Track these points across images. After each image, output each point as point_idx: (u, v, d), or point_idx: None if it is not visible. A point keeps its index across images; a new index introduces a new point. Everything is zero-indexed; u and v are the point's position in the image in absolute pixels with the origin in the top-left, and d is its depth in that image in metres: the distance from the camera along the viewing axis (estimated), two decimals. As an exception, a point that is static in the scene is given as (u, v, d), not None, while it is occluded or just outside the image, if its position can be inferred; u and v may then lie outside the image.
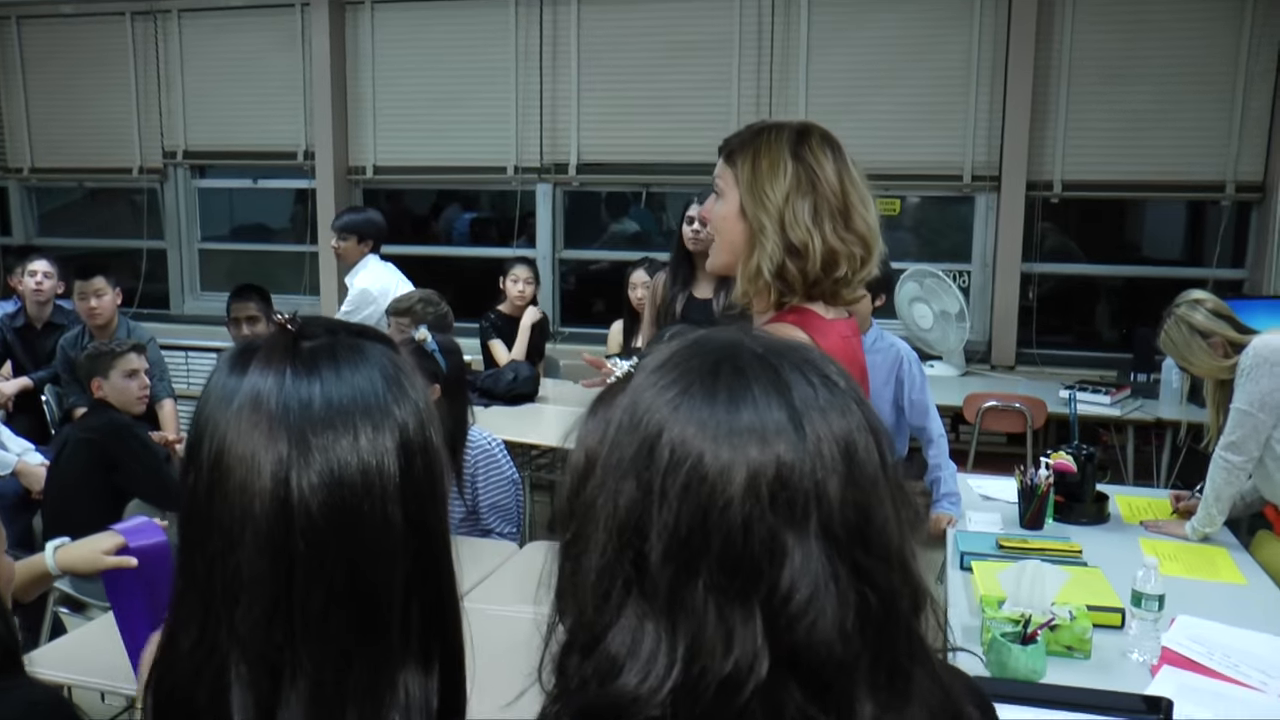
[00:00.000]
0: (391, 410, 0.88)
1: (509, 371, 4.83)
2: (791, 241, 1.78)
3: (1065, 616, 2.27)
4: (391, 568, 0.86)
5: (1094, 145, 5.44)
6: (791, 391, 0.75)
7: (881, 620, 0.73)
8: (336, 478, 0.84)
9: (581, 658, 0.75)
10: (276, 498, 0.83)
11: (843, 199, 1.80)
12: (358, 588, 0.85)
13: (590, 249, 6.49)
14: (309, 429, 0.84)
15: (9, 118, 7.20)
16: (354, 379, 0.88)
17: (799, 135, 1.84)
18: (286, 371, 0.86)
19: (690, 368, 0.77)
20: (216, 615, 0.84)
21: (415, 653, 0.88)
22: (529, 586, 2.64)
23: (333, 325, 0.94)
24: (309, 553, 0.83)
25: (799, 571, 0.70)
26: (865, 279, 1.87)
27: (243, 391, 0.86)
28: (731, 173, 1.86)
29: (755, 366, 0.76)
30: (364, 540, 0.85)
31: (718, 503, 0.71)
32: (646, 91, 5.96)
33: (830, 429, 0.74)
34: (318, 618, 0.83)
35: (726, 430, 0.72)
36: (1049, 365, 5.55)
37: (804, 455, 0.72)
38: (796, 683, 0.71)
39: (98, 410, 3.74)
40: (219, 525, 0.84)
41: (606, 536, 0.74)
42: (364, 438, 0.86)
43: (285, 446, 0.84)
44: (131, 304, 6.51)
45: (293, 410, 0.85)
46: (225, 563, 0.84)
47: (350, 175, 6.57)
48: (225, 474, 0.84)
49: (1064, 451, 3.24)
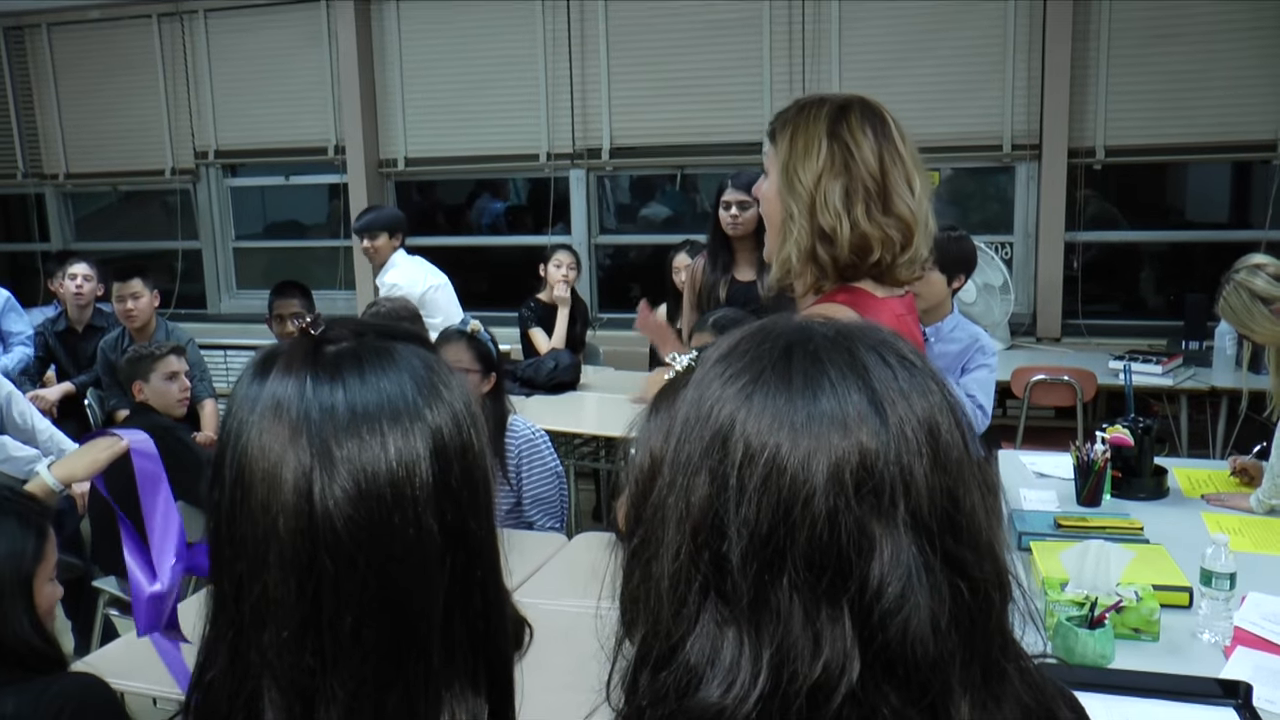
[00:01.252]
0: (423, 414, 0.82)
1: (549, 360, 4.79)
2: (821, 226, 1.71)
3: (1132, 597, 2.20)
4: (429, 583, 0.80)
5: (1136, 109, 5.31)
6: (870, 374, 0.70)
7: (975, 613, 0.68)
8: (364, 489, 0.78)
9: (655, 672, 0.70)
10: (300, 513, 0.78)
11: (881, 180, 1.72)
12: (392, 605, 0.79)
13: (626, 234, 6.45)
14: (332, 438, 0.79)
15: (43, 125, 7.25)
16: (380, 383, 0.82)
17: (839, 111, 1.75)
18: (307, 378, 0.81)
19: (760, 355, 0.72)
20: (247, 639, 0.80)
21: (461, 671, 0.83)
22: (579, 579, 2.61)
23: (360, 327, 0.88)
24: (337, 571, 0.78)
25: (889, 564, 0.66)
26: (912, 261, 1.79)
27: (262, 400, 0.81)
28: (773, 151, 1.81)
29: (829, 350, 0.71)
30: (397, 555, 0.79)
31: (800, 495, 0.66)
32: (677, 72, 5.89)
33: (913, 411, 0.69)
34: (349, 639, 0.78)
35: (805, 418, 0.68)
36: (1095, 336, 5.44)
37: (887, 441, 0.67)
38: (890, 685, 0.66)
39: (139, 413, 3.75)
40: (244, 544, 0.80)
41: (680, 538, 0.69)
42: (392, 445, 0.80)
43: (307, 458, 0.78)
44: (169, 305, 6.54)
45: (314, 419, 0.79)
46: (252, 584, 0.79)
47: (382, 168, 6.55)
48: (248, 490, 0.79)
49: (1120, 425, 3.16)
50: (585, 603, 2.42)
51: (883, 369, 0.71)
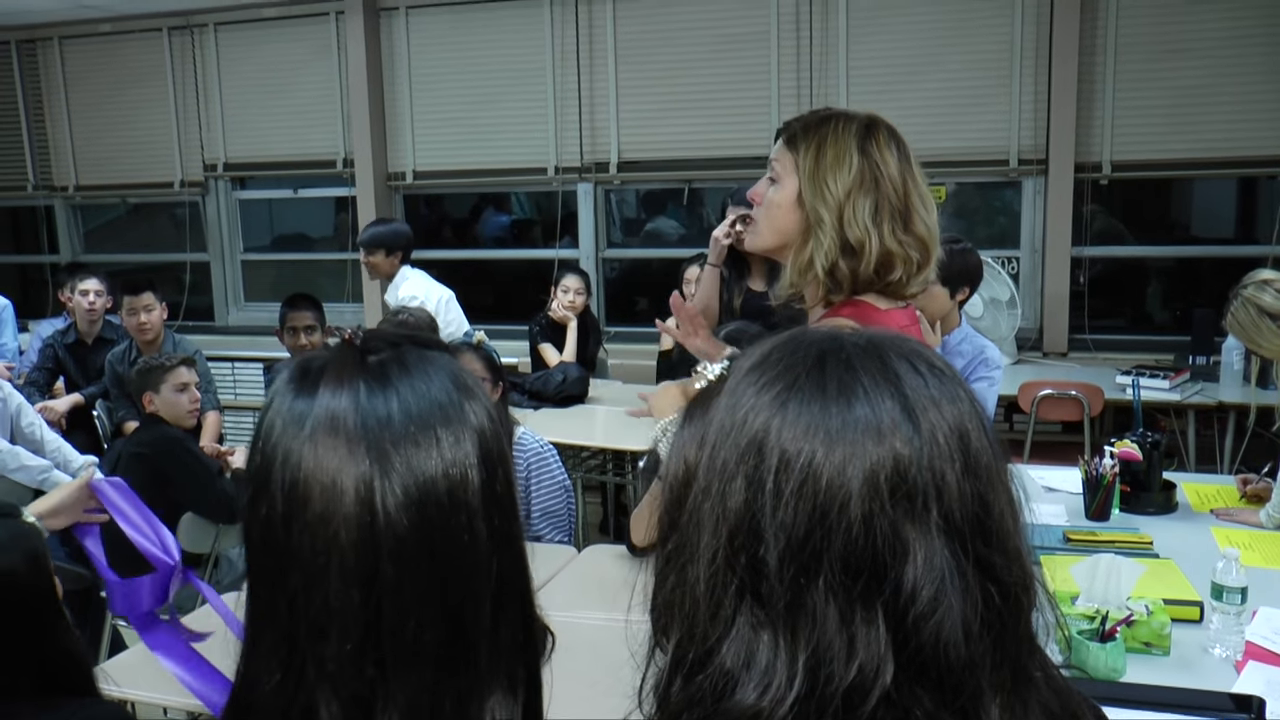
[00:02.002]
0: (469, 419, 0.84)
1: (558, 373, 4.80)
2: (848, 239, 1.72)
3: (1142, 612, 2.20)
4: (481, 586, 0.82)
5: (1143, 124, 5.32)
6: (902, 382, 0.72)
7: (1005, 617, 0.69)
8: (423, 494, 0.80)
9: (690, 677, 0.71)
10: (363, 523, 0.78)
11: (904, 199, 1.74)
12: (449, 610, 0.80)
13: (634, 249, 6.47)
14: (390, 446, 0.80)
15: (53, 137, 7.29)
16: (429, 390, 0.83)
17: (867, 129, 1.77)
18: (360, 388, 0.82)
19: (794, 363, 0.73)
20: (302, 653, 0.80)
21: (501, 677, 0.84)
22: (590, 592, 2.61)
23: (395, 337, 0.89)
24: (399, 578, 0.79)
25: (923, 568, 0.67)
26: (923, 281, 1.80)
27: (315, 414, 0.81)
28: (792, 158, 1.80)
29: (861, 358, 0.73)
30: (453, 558, 0.81)
31: (836, 500, 0.67)
32: (685, 87, 5.92)
33: (944, 418, 0.71)
34: (410, 646, 0.79)
35: (840, 425, 0.69)
36: (1102, 351, 5.44)
37: (920, 447, 0.69)
38: (923, 687, 0.67)
39: (149, 425, 3.76)
40: (299, 558, 0.80)
41: (715, 542, 0.70)
42: (446, 450, 0.81)
43: (367, 467, 0.79)
44: (176, 317, 6.56)
45: (372, 428, 0.80)
46: (309, 597, 0.79)
47: (390, 181, 6.58)
48: (304, 503, 0.80)
49: (1128, 439, 3.16)
50: (597, 614, 2.43)
51: (914, 377, 0.72)
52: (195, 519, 3.52)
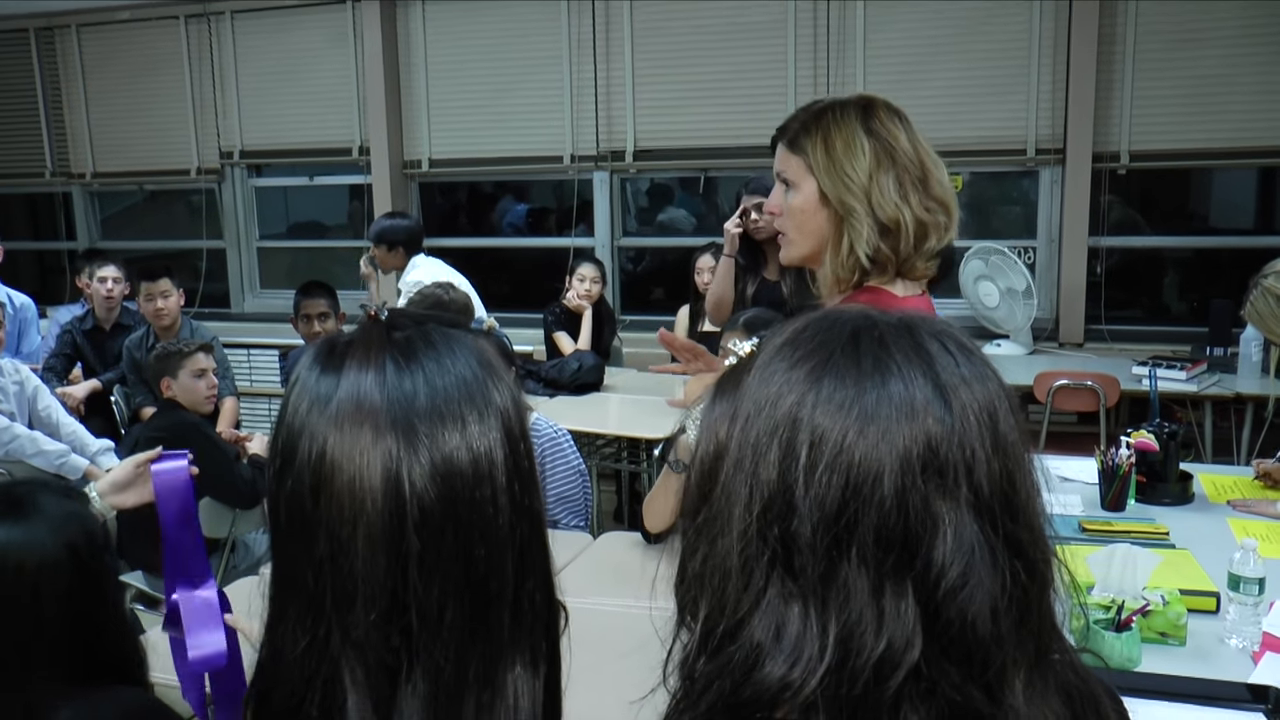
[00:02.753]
0: (492, 396, 0.86)
1: (573, 361, 4.81)
2: (882, 220, 1.71)
3: (1158, 602, 2.20)
4: (504, 557, 0.84)
5: (1162, 113, 5.29)
6: (934, 361, 0.72)
7: (1029, 593, 0.70)
8: (449, 469, 0.82)
9: (718, 650, 0.71)
10: (388, 495, 0.80)
11: (920, 166, 1.74)
12: (473, 581, 0.82)
13: (649, 237, 6.46)
14: (417, 421, 0.82)
15: (71, 124, 7.32)
16: (454, 366, 0.85)
17: (865, 109, 1.77)
18: (387, 365, 0.84)
19: (828, 339, 0.74)
20: (328, 621, 0.81)
21: (523, 650, 0.86)
22: (606, 578, 2.61)
23: (419, 316, 0.91)
24: (425, 547, 0.80)
25: (952, 544, 0.68)
26: (944, 244, 1.80)
27: (342, 390, 0.83)
28: (800, 160, 1.78)
29: (894, 336, 0.73)
30: (478, 530, 0.82)
31: (869, 475, 0.68)
32: (702, 75, 5.90)
33: (974, 397, 0.71)
34: (435, 615, 0.81)
35: (874, 401, 0.70)
36: (1118, 341, 5.42)
37: (952, 426, 0.70)
38: (950, 661, 0.68)
39: (166, 410, 3.78)
40: (326, 529, 0.81)
41: (748, 515, 0.71)
42: (471, 425, 0.83)
43: (394, 442, 0.81)
44: (192, 304, 6.58)
45: (398, 404, 0.82)
46: (336, 565, 0.81)
47: (406, 169, 6.59)
48: (329, 477, 0.81)
49: (1145, 429, 3.15)
50: (613, 601, 2.44)
51: (945, 356, 0.73)
52: (212, 504, 3.54)
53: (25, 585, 1.51)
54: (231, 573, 3.59)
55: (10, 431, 3.96)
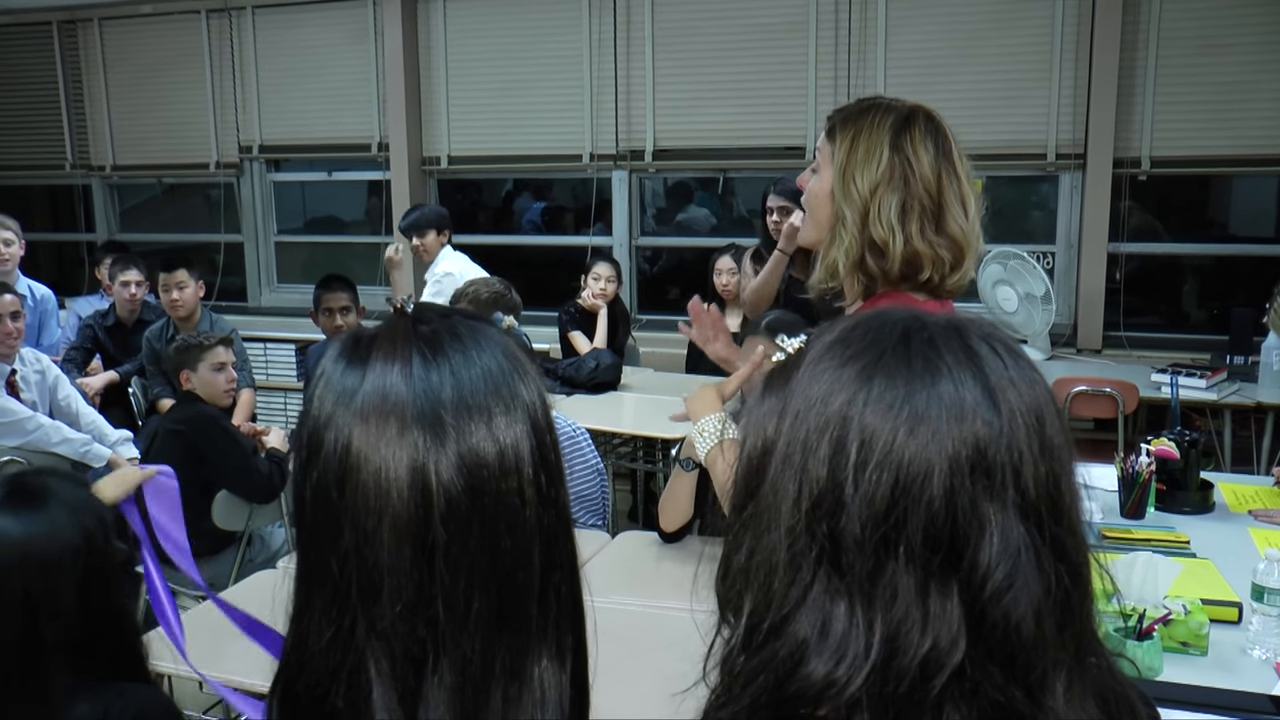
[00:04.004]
0: (518, 390, 0.86)
1: (590, 359, 4.80)
2: (872, 238, 1.70)
3: (1180, 611, 2.18)
4: (530, 549, 0.84)
5: (1184, 119, 5.26)
6: (982, 363, 0.72)
7: (1071, 597, 0.70)
8: (475, 460, 0.81)
9: (761, 646, 0.71)
10: (414, 487, 0.80)
11: (937, 199, 1.71)
12: (499, 573, 0.82)
13: (667, 237, 6.46)
14: (443, 413, 0.82)
15: (92, 117, 7.36)
16: (481, 359, 0.85)
17: (904, 122, 1.74)
18: (414, 357, 0.84)
19: (879, 339, 0.74)
20: (353, 612, 0.81)
21: (550, 643, 0.86)
22: (624, 577, 2.61)
23: (445, 310, 0.92)
24: (451, 540, 0.80)
25: (999, 545, 0.68)
26: (961, 280, 1.78)
27: (368, 383, 0.83)
28: (830, 149, 1.79)
29: (943, 337, 0.74)
30: (505, 522, 0.82)
31: (919, 475, 0.68)
32: (722, 75, 5.89)
33: (1022, 400, 0.72)
34: (461, 606, 0.80)
35: (925, 402, 0.70)
36: (1137, 348, 5.39)
37: (1001, 429, 0.70)
38: (994, 663, 0.68)
39: (185, 402, 3.79)
40: (351, 520, 0.81)
41: (797, 512, 0.71)
42: (498, 417, 0.83)
43: (420, 435, 0.81)
44: (209, 297, 6.61)
45: (424, 396, 0.82)
46: (362, 556, 0.81)
47: (424, 166, 6.60)
48: (355, 469, 0.81)
49: (1165, 437, 3.13)
50: (632, 600, 2.43)
51: (994, 359, 0.73)
52: (229, 497, 3.55)
53: (46, 574, 1.51)
54: (248, 566, 3.60)
55: (35, 420, 3.99)
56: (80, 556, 1.53)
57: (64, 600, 1.52)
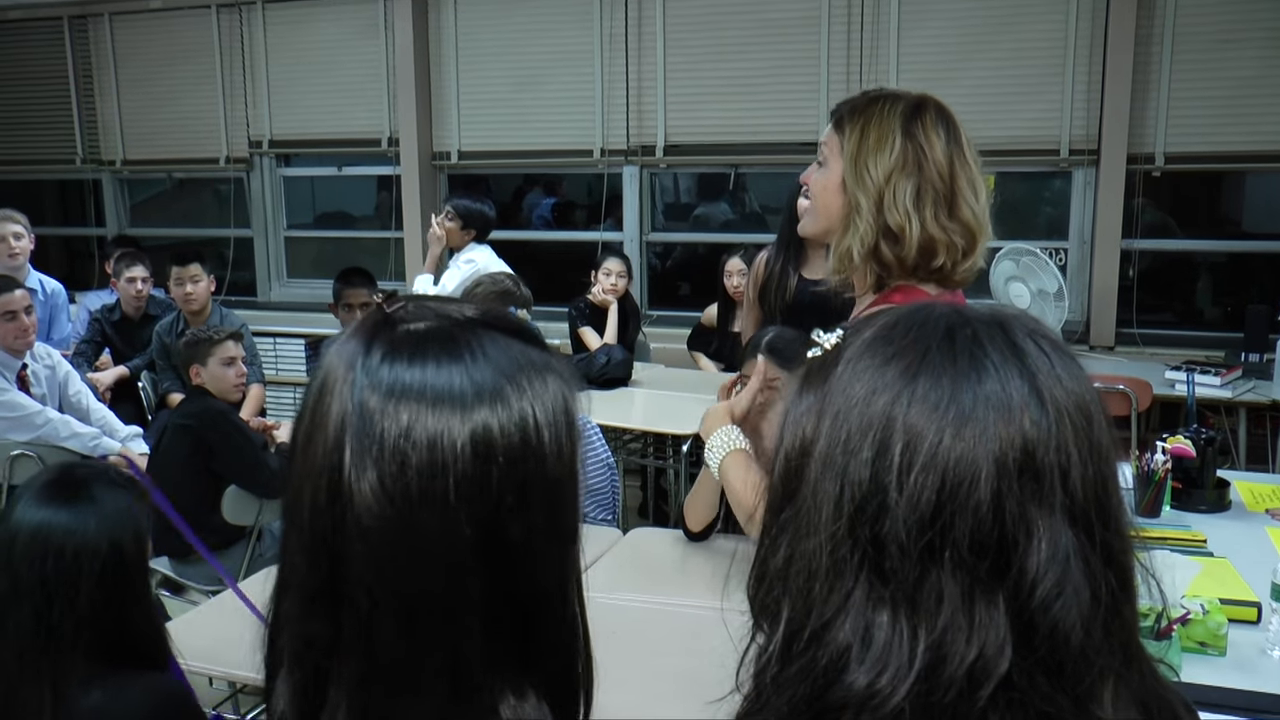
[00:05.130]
0: (474, 406, 0.74)
1: (601, 355, 4.78)
2: (888, 224, 1.70)
3: (1198, 610, 2.16)
4: (454, 585, 0.74)
5: (1199, 115, 5.21)
6: (1028, 359, 0.70)
7: (1119, 602, 0.68)
8: (392, 474, 0.73)
9: (800, 654, 0.69)
10: (332, 484, 0.74)
11: (950, 184, 1.71)
12: (411, 598, 0.74)
13: (678, 232, 6.44)
14: (375, 413, 0.74)
15: (102, 112, 7.36)
16: (444, 368, 0.76)
17: (914, 110, 1.75)
18: (360, 351, 0.77)
19: (923, 335, 0.71)
20: (279, 602, 0.80)
21: (510, 683, 0.77)
22: (635, 574, 2.59)
23: (445, 311, 0.81)
24: (354, 550, 0.73)
25: (1047, 552, 0.66)
26: (971, 269, 1.77)
27: (321, 369, 0.79)
28: (838, 140, 1.78)
29: (988, 333, 0.71)
30: (419, 547, 0.73)
31: (965, 479, 0.66)
32: (734, 70, 5.87)
33: (1070, 399, 0.69)
34: (361, 626, 0.74)
35: (971, 401, 0.68)
36: (1150, 345, 5.36)
37: (1048, 428, 0.68)
38: (1041, 673, 0.66)
39: (195, 397, 3.78)
40: (289, 512, 0.80)
41: (836, 515, 0.68)
42: (427, 429, 0.73)
43: (344, 431, 0.74)
44: (220, 292, 6.61)
45: (357, 388, 0.75)
46: (285, 544, 0.79)
47: (435, 161, 6.58)
48: (297, 455, 0.79)
49: (1181, 435, 3.11)
50: (643, 597, 2.41)
51: (1040, 356, 0.71)
52: (239, 492, 3.54)
53: (62, 567, 1.52)
54: (258, 561, 3.59)
55: (44, 415, 3.99)
56: (101, 561, 1.54)
57: (80, 597, 1.53)
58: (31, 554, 1.52)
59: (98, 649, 1.53)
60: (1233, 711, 1.83)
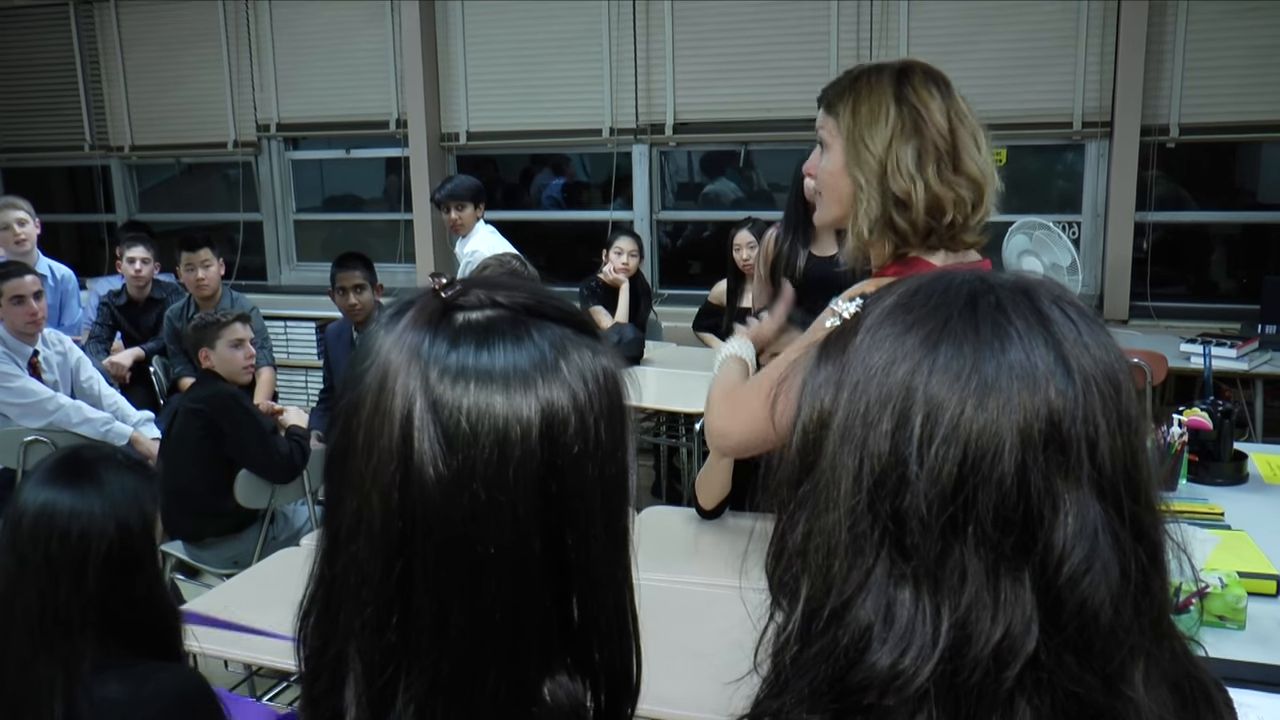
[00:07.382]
0: (539, 391, 0.74)
1: (613, 334, 4.76)
2: (894, 192, 1.69)
3: (1217, 584, 2.14)
4: (521, 573, 0.73)
5: (1214, 85, 5.16)
6: (1054, 327, 0.67)
7: (1149, 578, 0.66)
8: (461, 462, 0.72)
9: (821, 634, 0.67)
10: (397, 480, 0.72)
11: (951, 140, 1.70)
12: (481, 592, 0.73)
13: (688, 210, 6.41)
14: (444, 399, 0.73)
15: (109, 98, 7.34)
16: (505, 355, 0.75)
17: (900, 75, 1.74)
18: (425, 339, 0.75)
19: (942, 304, 0.69)
20: (338, 599, 0.77)
21: (561, 663, 0.77)
22: (651, 552, 2.58)
23: (499, 298, 0.79)
24: (426, 549, 0.72)
25: (1074, 527, 0.63)
26: (982, 220, 1.76)
27: (378, 359, 0.76)
28: (834, 122, 1.77)
29: (1012, 300, 0.68)
30: (488, 537, 0.72)
31: (989, 451, 0.63)
32: (743, 48, 5.82)
33: (1097, 366, 0.66)
34: (435, 621, 0.73)
35: (994, 370, 0.65)
36: (1164, 318, 5.32)
37: (1075, 397, 0.65)
38: (1069, 651, 0.63)
39: (205, 380, 3.78)
40: (342, 506, 0.76)
41: (857, 490, 0.66)
42: (501, 413, 0.72)
43: (412, 421, 0.72)
44: (230, 276, 6.60)
45: (427, 381, 0.73)
46: (348, 547, 0.76)
47: (443, 142, 6.56)
48: (349, 451, 0.75)
49: (1198, 407, 3.08)
50: (659, 575, 2.40)
51: (1066, 323, 0.68)
52: (251, 475, 3.54)
53: (67, 548, 1.52)
54: (271, 544, 3.59)
55: (55, 401, 4.00)
56: (108, 542, 1.54)
57: (86, 578, 1.53)
58: (36, 534, 1.52)
59: (109, 632, 1.53)
60: (1254, 686, 1.81)
